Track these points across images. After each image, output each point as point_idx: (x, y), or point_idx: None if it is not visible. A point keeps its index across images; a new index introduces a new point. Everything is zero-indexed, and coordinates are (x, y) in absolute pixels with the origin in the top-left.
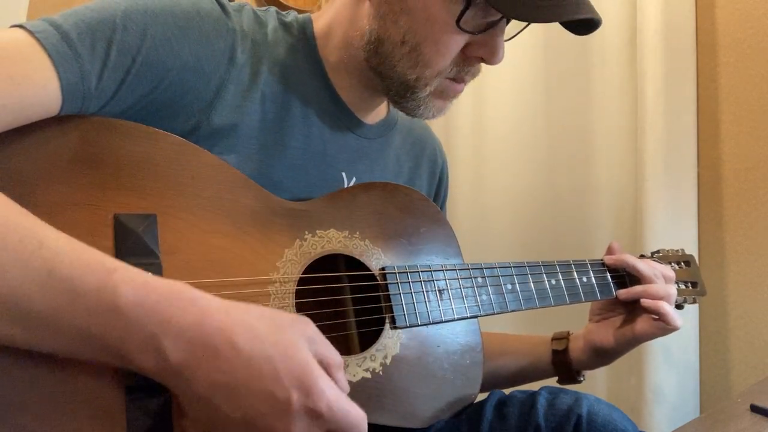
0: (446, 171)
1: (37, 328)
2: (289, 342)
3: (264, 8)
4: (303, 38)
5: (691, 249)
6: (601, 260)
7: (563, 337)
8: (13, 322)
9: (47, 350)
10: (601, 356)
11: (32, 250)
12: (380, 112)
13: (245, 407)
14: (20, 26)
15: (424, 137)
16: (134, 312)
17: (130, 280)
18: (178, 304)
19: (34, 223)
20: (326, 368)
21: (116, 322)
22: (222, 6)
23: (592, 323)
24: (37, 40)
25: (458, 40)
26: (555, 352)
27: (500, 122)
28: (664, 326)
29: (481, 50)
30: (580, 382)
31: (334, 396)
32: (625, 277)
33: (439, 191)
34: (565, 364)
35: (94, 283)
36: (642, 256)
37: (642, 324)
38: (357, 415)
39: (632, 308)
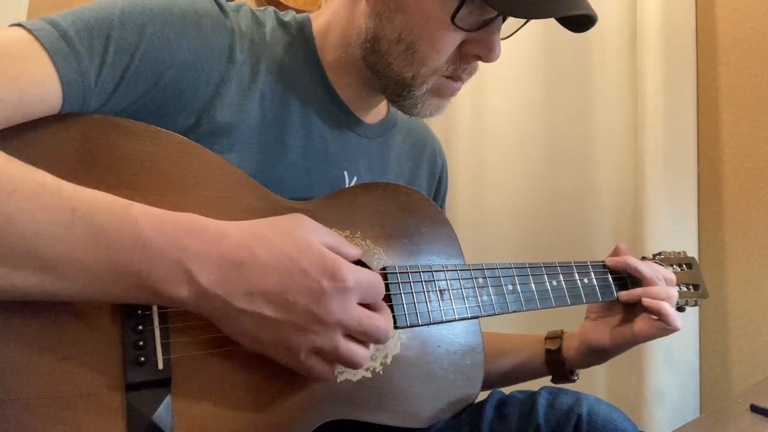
0: (446, 171)
1: (67, 270)
2: (300, 238)
3: (262, 8)
4: (301, 38)
5: (691, 249)
6: (603, 261)
7: (557, 336)
8: (42, 268)
9: (78, 295)
10: (596, 355)
11: (53, 192)
12: (380, 111)
13: (285, 305)
14: (19, 25)
15: (424, 137)
16: (156, 240)
17: (147, 213)
18: (192, 232)
19: (45, 172)
20: (334, 250)
21: (140, 253)
22: (220, 6)
23: (588, 321)
24: (36, 38)
25: (454, 38)
26: (548, 352)
27: (500, 122)
28: (664, 327)
29: (477, 48)
30: (573, 381)
31: (354, 270)
32: (627, 278)
33: (438, 191)
34: (558, 364)
35: (115, 217)
36: (644, 258)
37: (641, 324)
38: (376, 278)
39: (631, 308)
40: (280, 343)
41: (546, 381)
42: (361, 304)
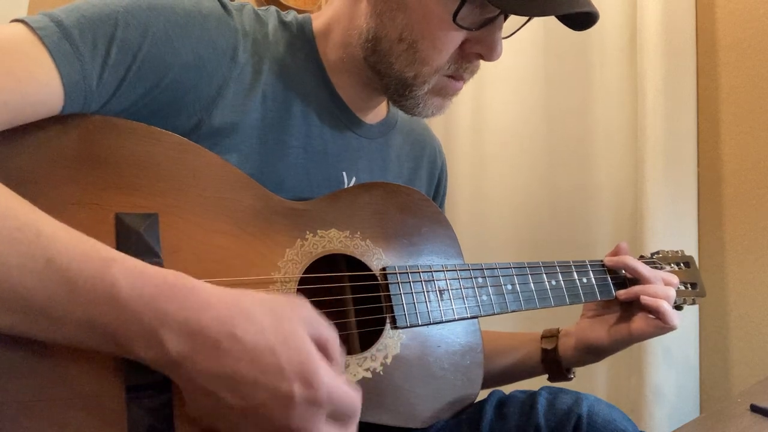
0: (445, 172)
1: (37, 317)
2: (289, 331)
3: (264, 8)
4: (302, 37)
5: (691, 249)
6: (601, 261)
7: (553, 335)
8: (12, 312)
9: (48, 339)
10: (593, 354)
11: (30, 239)
12: (380, 112)
13: (247, 397)
14: (21, 21)
15: (424, 138)
16: (132, 303)
17: (127, 272)
18: (176, 296)
19: (32, 211)
20: (323, 348)
21: (114, 313)
22: (223, 5)
23: (585, 319)
24: (39, 37)
25: (455, 37)
26: (545, 351)
27: (500, 122)
28: (661, 325)
29: (478, 47)
30: (570, 379)
31: (333, 383)
32: (625, 278)
33: (438, 192)
34: (555, 363)
35: (92, 273)
36: (641, 257)
37: (639, 323)
38: (353, 397)
39: (628, 307)
40: (233, 429)
41: (545, 380)
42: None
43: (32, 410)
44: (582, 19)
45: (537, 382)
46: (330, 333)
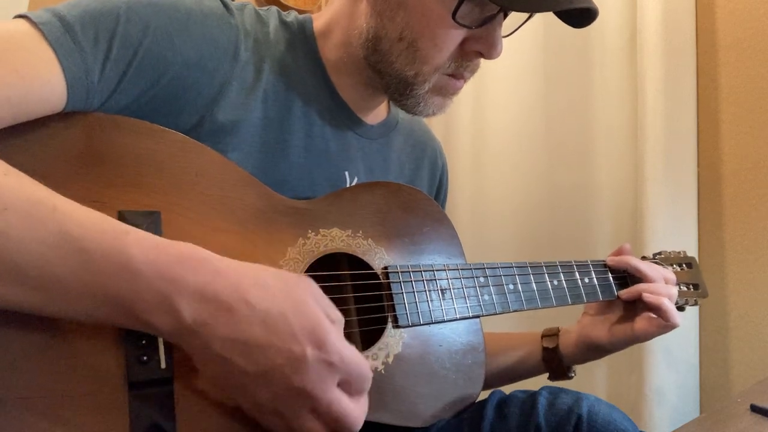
0: (446, 173)
1: (53, 291)
2: (300, 298)
3: (265, 8)
4: (303, 37)
5: (691, 249)
6: (603, 261)
7: (553, 334)
8: (29, 287)
9: (64, 315)
10: (594, 351)
11: (46, 213)
12: (381, 113)
13: (262, 361)
14: (23, 16)
15: (425, 140)
16: (146, 272)
17: (141, 242)
18: (189, 265)
19: (46, 189)
20: (331, 320)
21: (129, 283)
22: (225, 4)
23: (587, 316)
24: (41, 32)
25: (455, 35)
26: (546, 350)
27: (500, 121)
28: (663, 324)
29: (479, 44)
30: (570, 378)
31: (345, 348)
32: (627, 278)
33: (438, 193)
34: (556, 361)
35: (107, 244)
36: (644, 258)
37: (641, 322)
38: (365, 365)
39: (631, 306)
40: (247, 394)
41: (545, 380)
42: (345, 386)
43: (35, 406)
44: (581, 16)
45: (537, 382)
46: (338, 314)
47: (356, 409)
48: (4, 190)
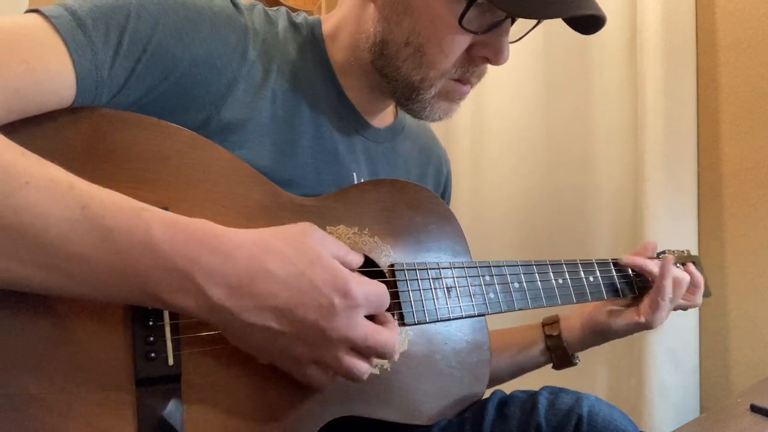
0: (450, 180)
1: (72, 269)
2: (311, 252)
3: (275, 8)
4: (312, 39)
5: (691, 249)
6: (608, 260)
7: (554, 322)
8: (49, 265)
9: (83, 294)
10: (599, 336)
11: (65, 189)
12: (387, 117)
13: (295, 320)
14: (35, 10)
15: (431, 146)
16: (165, 249)
17: (159, 220)
18: (206, 242)
19: (60, 168)
20: (342, 261)
21: (148, 260)
22: (234, 3)
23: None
24: (53, 25)
25: (462, 40)
26: (549, 337)
27: (500, 122)
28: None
29: (485, 50)
30: (575, 364)
31: (363, 285)
32: (632, 277)
33: (442, 198)
34: (560, 348)
35: (126, 220)
36: (663, 252)
37: (646, 308)
38: (381, 288)
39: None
40: (286, 353)
41: (545, 380)
42: (368, 316)
43: (43, 402)
44: (588, 22)
45: (537, 383)
46: (342, 247)
47: (389, 333)
48: (21, 167)
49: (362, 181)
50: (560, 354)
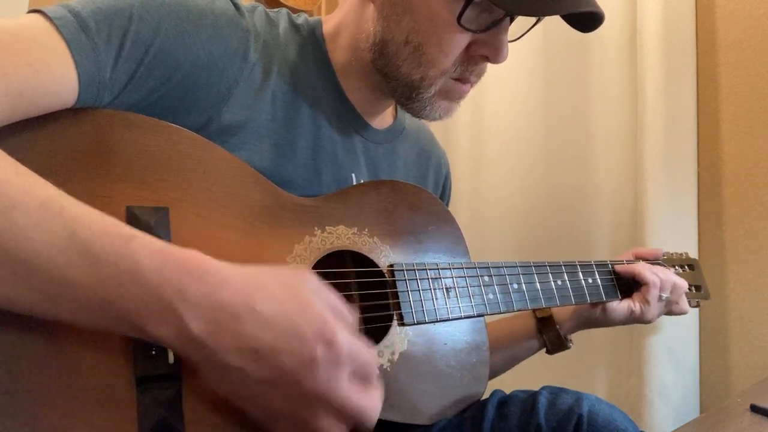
0: (450, 181)
1: (57, 294)
2: (303, 298)
3: (275, 9)
4: (313, 40)
5: (691, 249)
6: (607, 261)
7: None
8: (34, 288)
9: (66, 319)
10: (591, 321)
11: (53, 213)
12: (387, 118)
13: (272, 367)
14: (38, 11)
15: (431, 147)
16: (152, 279)
17: (147, 247)
18: (195, 273)
19: (54, 188)
20: (335, 313)
21: (134, 289)
22: (236, 5)
23: None
24: (56, 27)
25: (461, 39)
26: (541, 320)
27: (500, 122)
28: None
29: (484, 49)
30: (569, 347)
31: (352, 343)
32: (630, 278)
33: (441, 201)
34: (553, 331)
35: (114, 248)
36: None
37: (638, 303)
38: (370, 354)
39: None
40: (258, 402)
41: (545, 380)
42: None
43: (43, 400)
44: (587, 20)
45: (537, 383)
46: (338, 301)
47: (371, 400)
48: (12, 189)
49: (362, 182)
50: (552, 337)
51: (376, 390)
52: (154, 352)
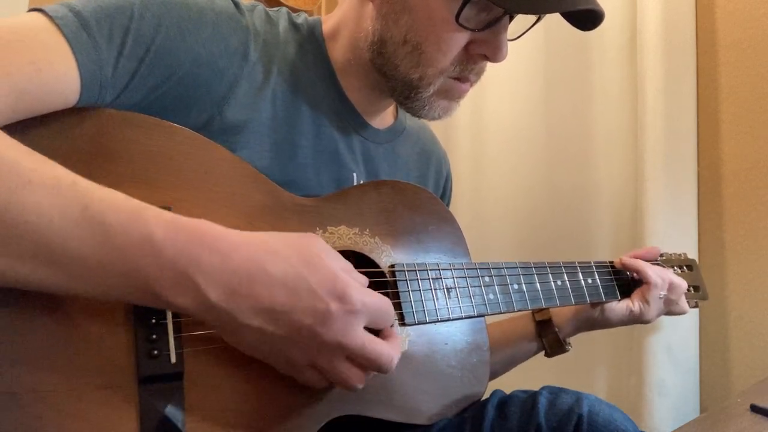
0: (450, 181)
1: (72, 267)
2: (312, 256)
3: (275, 9)
4: (312, 39)
5: (691, 249)
6: (607, 262)
7: (543, 308)
8: (50, 263)
9: (83, 293)
10: (591, 323)
11: (67, 187)
12: (387, 118)
13: (290, 323)
14: (39, 10)
15: (431, 147)
16: (166, 248)
17: (160, 219)
18: (207, 241)
19: (63, 168)
20: (345, 271)
21: (148, 258)
22: (236, 4)
23: None
24: (58, 26)
25: (459, 38)
26: (540, 323)
27: (500, 121)
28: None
29: (483, 48)
30: (567, 350)
31: (364, 293)
32: (630, 279)
33: (442, 201)
34: (552, 334)
35: (126, 219)
36: (661, 256)
37: (637, 303)
38: (384, 302)
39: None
40: (280, 355)
41: (545, 380)
42: (371, 330)
43: (47, 400)
44: (587, 18)
45: (537, 383)
46: (345, 262)
47: (388, 346)
48: (25, 166)
49: (362, 181)
50: (551, 340)
51: (394, 338)
52: (156, 352)
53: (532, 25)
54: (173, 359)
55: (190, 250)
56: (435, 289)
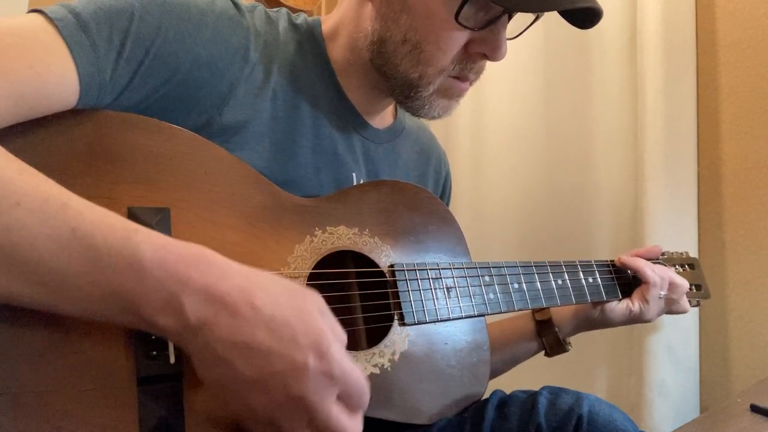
0: (450, 181)
1: (60, 287)
2: (305, 309)
3: (275, 9)
4: (312, 39)
5: (691, 249)
6: (607, 261)
7: (543, 308)
8: (37, 282)
9: (69, 312)
10: (591, 322)
11: (57, 209)
12: (387, 117)
13: (262, 366)
14: (39, 11)
15: (431, 147)
16: (154, 271)
17: (150, 241)
18: (198, 266)
19: (57, 186)
20: (333, 332)
21: (136, 281)
22: (236, 5)
23: None
24: (56, 28)
25: (458, 37)
26: (540, 323)
27: (500, 122)
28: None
29: (483, 46)
30: (567, 350)
31: (346, 362)
32: (631, 279)
33: (441, 200)
34: (552, 334)
35: (116, 241)
36: (663, 254)
37: (637, 302)
38: (363, 383)
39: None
40: (242, 399)
41: (545, 380)
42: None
43: (45, 400)
44: (585, 16)
45: (537, 383)
46: (342, 332)
47: (354, 426)
48: (16, 186)
49: (361, 181)
50: (551, 339)
51: (361, 417)
52: (155, 353)
53: (531, 24)
54: (172, 359)
55: (178, 272)
56: (435, 289)
